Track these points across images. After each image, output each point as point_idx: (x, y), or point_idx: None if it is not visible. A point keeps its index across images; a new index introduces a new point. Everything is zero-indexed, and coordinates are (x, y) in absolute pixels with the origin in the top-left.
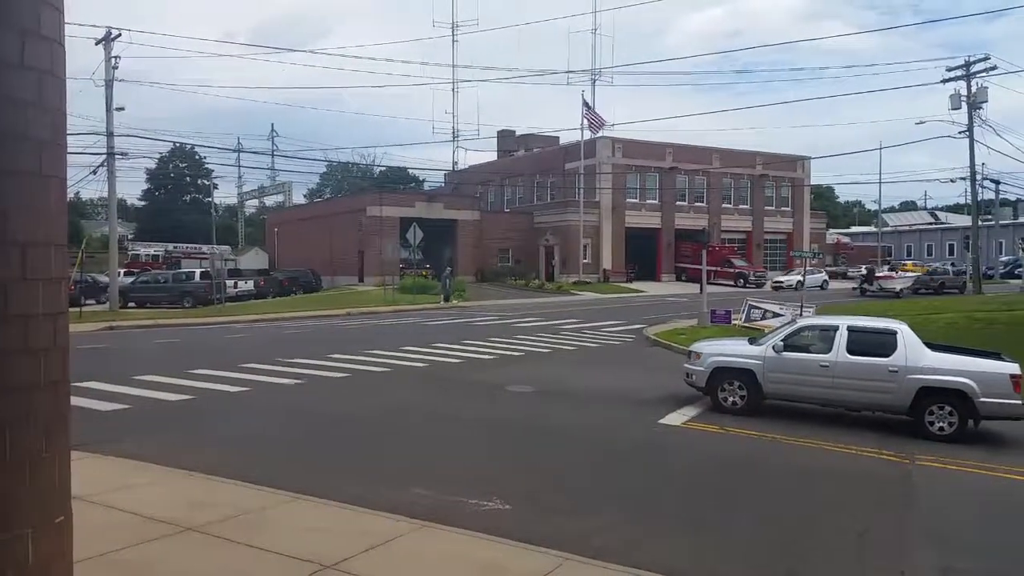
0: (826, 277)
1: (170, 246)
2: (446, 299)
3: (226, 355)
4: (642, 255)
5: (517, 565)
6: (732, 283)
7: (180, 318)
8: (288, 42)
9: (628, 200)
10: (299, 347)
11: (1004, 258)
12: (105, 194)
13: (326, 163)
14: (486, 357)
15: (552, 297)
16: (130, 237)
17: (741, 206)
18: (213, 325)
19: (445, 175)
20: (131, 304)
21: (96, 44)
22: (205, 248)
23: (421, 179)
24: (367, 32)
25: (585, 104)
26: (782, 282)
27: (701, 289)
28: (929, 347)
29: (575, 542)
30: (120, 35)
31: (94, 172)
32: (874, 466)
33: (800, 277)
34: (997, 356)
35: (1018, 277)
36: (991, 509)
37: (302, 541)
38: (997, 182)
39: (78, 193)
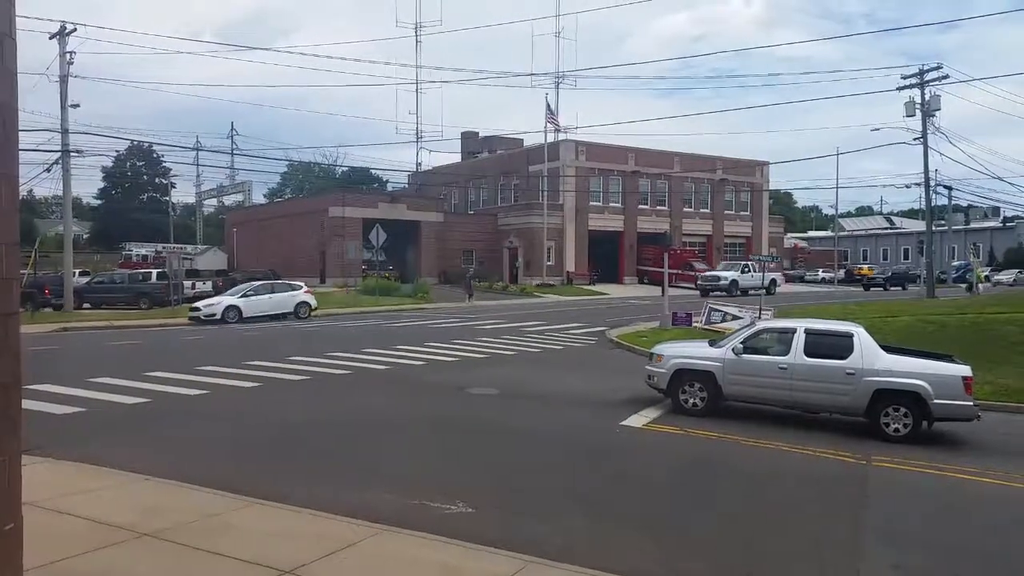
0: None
1: (159, 246)
2: (469, 298)
3: (183, 358)
4: (605, 258)
5: (479, 568)
6: (693, 286)
7: (136, 319)
8: (251, 41)
9: (591, 203)
10: (258, 350)
11: (956, 263)
12: (60, 192)
13: (287, 163)
14: (449, 359)
15: (516, 299)
16: (85, 236)
17: (702, 210)
18: (170, 327)
19: (408, 176)
20: (86, 305)
21: (50, 38)
22: (189, 248)
23: (384, 180)
24: (331, 32)
25: (548, 108)
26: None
27: (663, 292)
28: (884, 349)
29: (538, 544)
30: (75, 30)
31: (48, 170)
32: (831, 467)
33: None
34: (949, 358)
35: (968, 282)
36: (944, 508)
37: (260, 546)
38: (950, 188)
39: (31, 191)
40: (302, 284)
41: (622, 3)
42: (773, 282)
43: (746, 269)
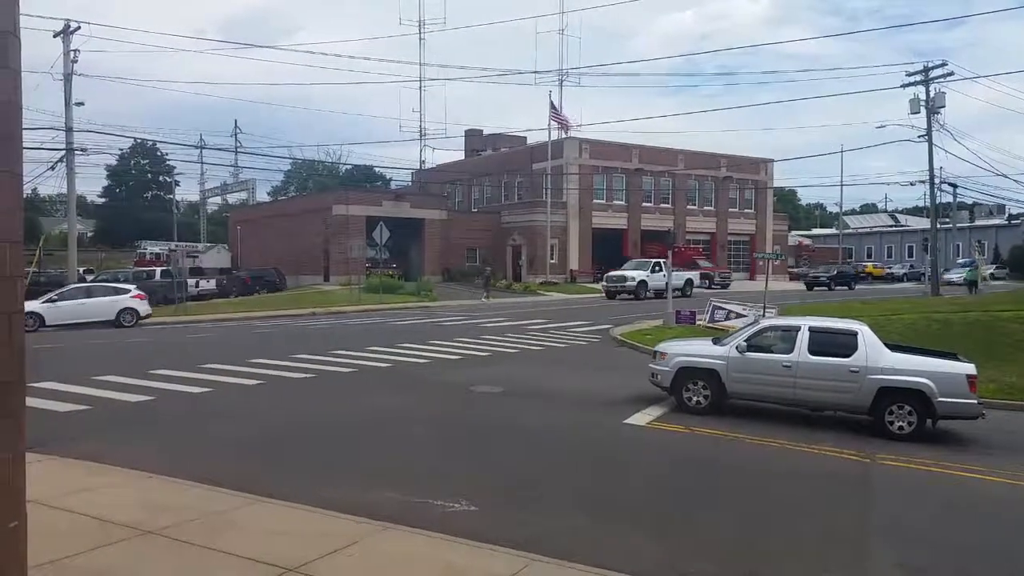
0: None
1: (172, 244)
2: (487, 296)
3: (187, 355)
4: (608, 256)
5: (482, 566)
6: (698, 284)
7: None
8: (256, 39)
9: (595, 201)
10: (262, 347)
11: (961, 260)
12: (64, 190)
13: (291, 161)
14: (453, 357)
15: (519, 297)
16: (89, 235)
17: (706, 207)
18: (174, 325)
19: (412, 174)
20: None
21: (54, 37)
22: (200, 246)
23: (388, 178)
24: (335, 30)
25: (552, 106)
26: None
27: (667, 289)
28: (889, 347)
29: (541, 543)
30: (79, 28)
31: (52, 168)
32: (835, 465)
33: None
34: (954, 356)
35: (969, 280)
36: (949, 506)
37: (264, 544)
38: (955, 186)
39: (36, 189)
40: (131, 288)
41: (626, 0)
42: (689, 282)
43: (657, 268)
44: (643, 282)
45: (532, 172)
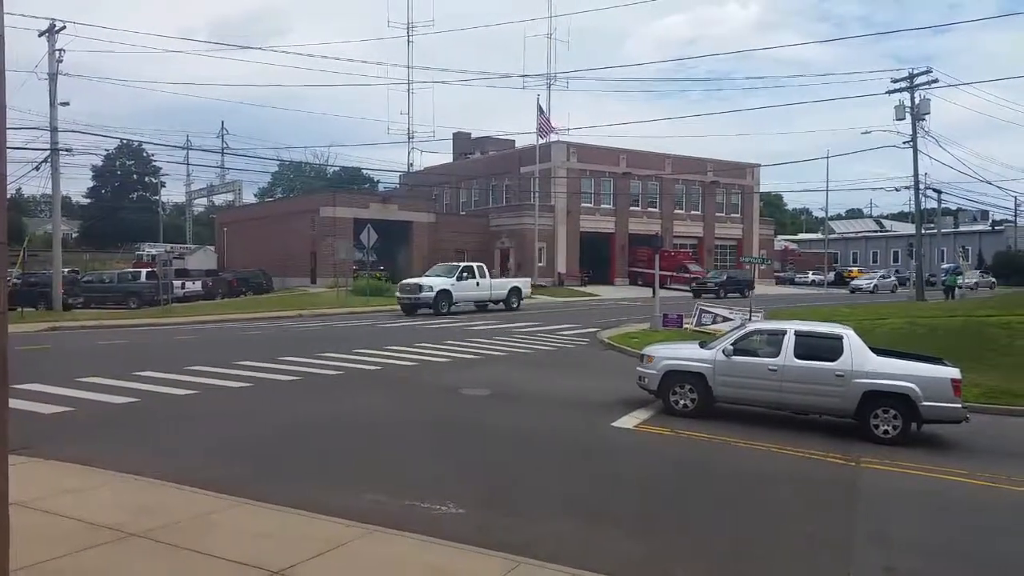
0: None
1: (168, 246)
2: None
3: (173, 357)
4: (596, 259)
5: (469, 569)
6: (687, 288)
7: (126, 319)
8: (246, 40)
9: (583, 204)
10: (248, 350)
11: (945, 265)
12: (49, 191)
13: (278, 162)
14: (441, 360)
15: None
16: (74, 235)
17: (693, 212)
18: (160, 326)
19: (400, 176)
20: (79, 304)
21: (39, 36)
22: (191, 247)
23: (376, 180)
24: (324, 32)
25: (540, 110)
26: None
27: (654, 293)
28: (874, 352)
29: (529, 545)
30: (65, 27)
31: (37, 168)
32: (821, 468)
33: None
34: (939, 361)
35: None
36: (933, 510)
37: (250, 547)
38: (939, 192)
39: (20, 189)
40: None
41: (616, 5)
42: (516, 291)
43: (466, 275)
44: (444, 292)
45: (520, 175)
